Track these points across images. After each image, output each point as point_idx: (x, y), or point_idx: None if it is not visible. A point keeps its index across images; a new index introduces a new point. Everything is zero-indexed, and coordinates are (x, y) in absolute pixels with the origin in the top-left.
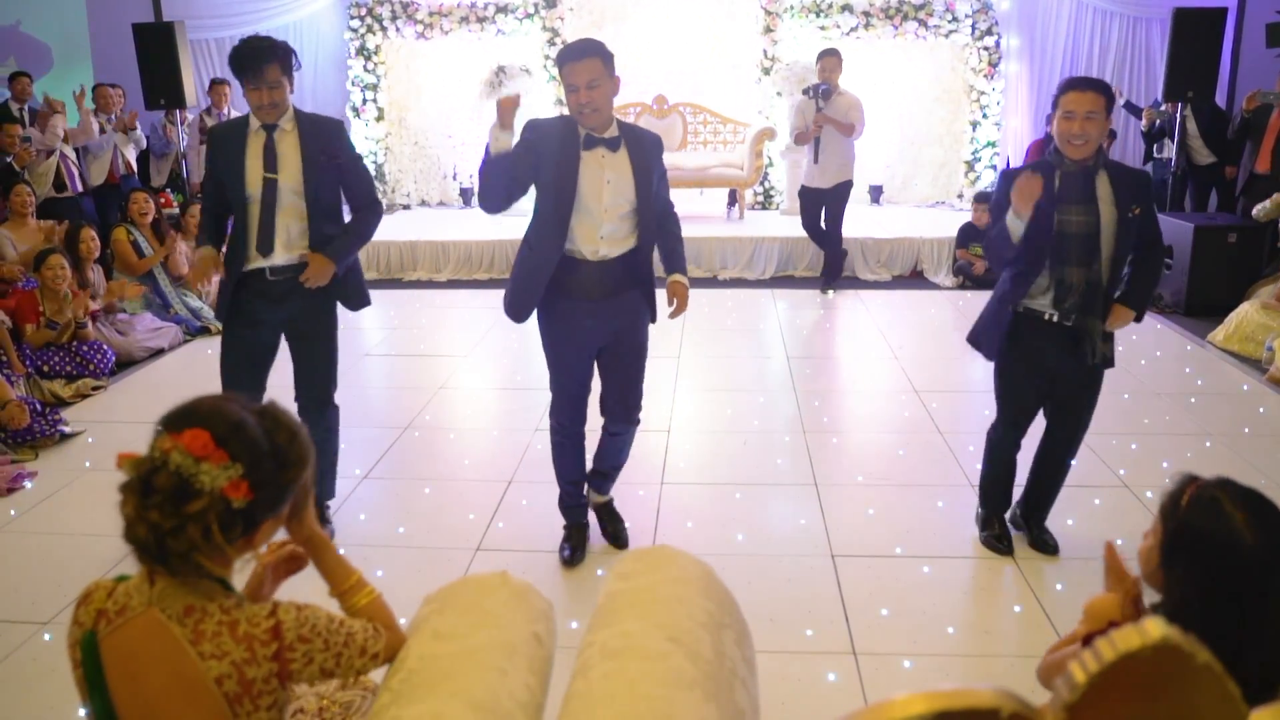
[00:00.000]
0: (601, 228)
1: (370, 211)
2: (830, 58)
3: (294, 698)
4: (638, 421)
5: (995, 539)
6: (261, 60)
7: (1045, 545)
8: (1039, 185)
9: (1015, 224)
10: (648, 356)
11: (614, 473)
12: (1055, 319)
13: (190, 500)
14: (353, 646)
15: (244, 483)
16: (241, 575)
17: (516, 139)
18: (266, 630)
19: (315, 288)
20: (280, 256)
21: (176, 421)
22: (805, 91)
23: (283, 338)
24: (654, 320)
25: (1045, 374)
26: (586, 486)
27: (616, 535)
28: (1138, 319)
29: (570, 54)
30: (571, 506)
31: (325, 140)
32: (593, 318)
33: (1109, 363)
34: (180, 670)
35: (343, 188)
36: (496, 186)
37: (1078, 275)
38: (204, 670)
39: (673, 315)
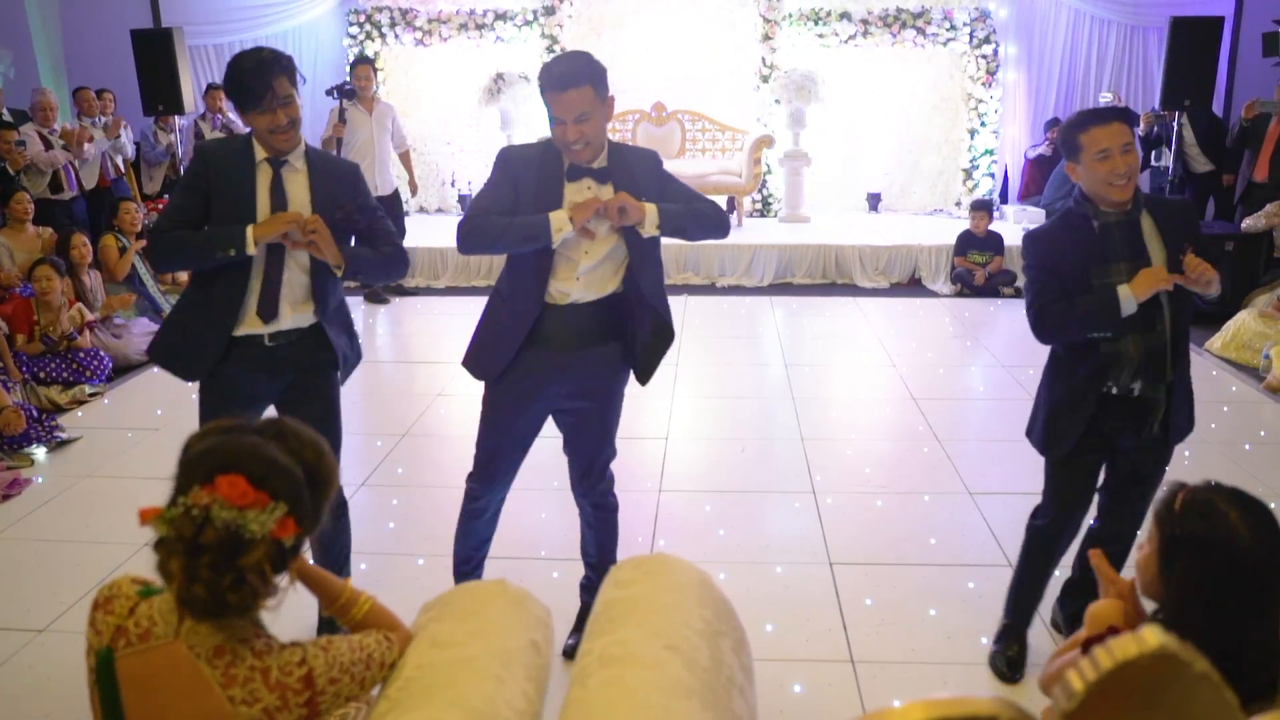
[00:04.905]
0: (579, 268)
1: (398, 251)
2: (363, 65)
3: None
4: (613, 501)
5: (1008, 662)
6: (269, 73)
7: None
8: (1165, 278)
9: (1129, 303)
10: (620, 418)
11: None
12: (1114, 391)
13: (244, 551)
14: (373, 666)
15: (289, 520)
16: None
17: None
18: (299, 679)
19: (308, 357)
20: (285, 320)
21: (204, 470)
22: (328, 92)
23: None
24: (643, 382)
25: (1103, 453)
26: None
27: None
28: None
29: (555, 82)
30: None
31: (340, 191)
32: (557, 371)
33: (1183, 433)
34: (207, 711)
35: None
36: (494, 243)
37: (1135, 345)
38: (233, 715)
39: (609, 205)
